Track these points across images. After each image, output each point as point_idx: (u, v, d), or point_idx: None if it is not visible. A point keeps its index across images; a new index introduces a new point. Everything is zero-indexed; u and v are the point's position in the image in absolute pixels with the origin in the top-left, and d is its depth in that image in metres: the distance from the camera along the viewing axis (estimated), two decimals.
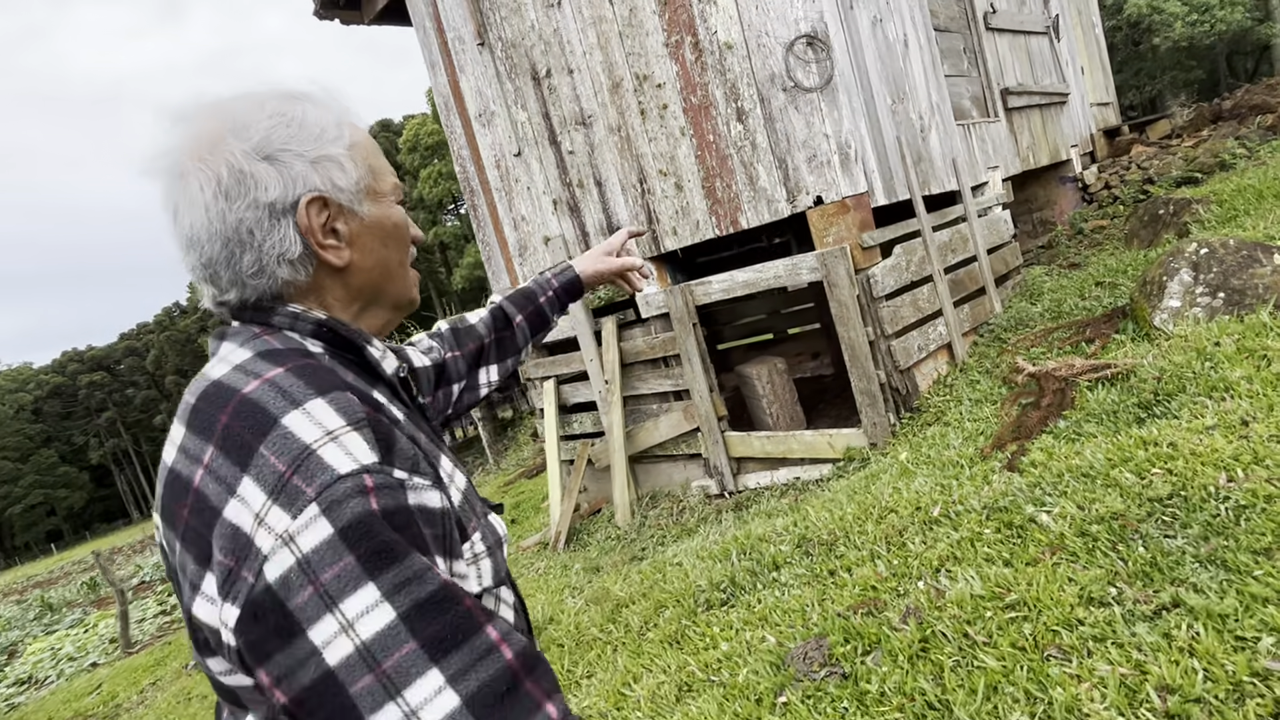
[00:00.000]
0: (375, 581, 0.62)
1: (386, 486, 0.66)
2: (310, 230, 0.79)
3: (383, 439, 0.69)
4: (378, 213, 0.85)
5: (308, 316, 0.81)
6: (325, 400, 0.69)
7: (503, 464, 13.04)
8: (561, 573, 4.65)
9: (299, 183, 0.79)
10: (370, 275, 0.86)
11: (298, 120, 0.81)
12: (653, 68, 4.42)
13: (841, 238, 3.90)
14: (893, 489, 3.25)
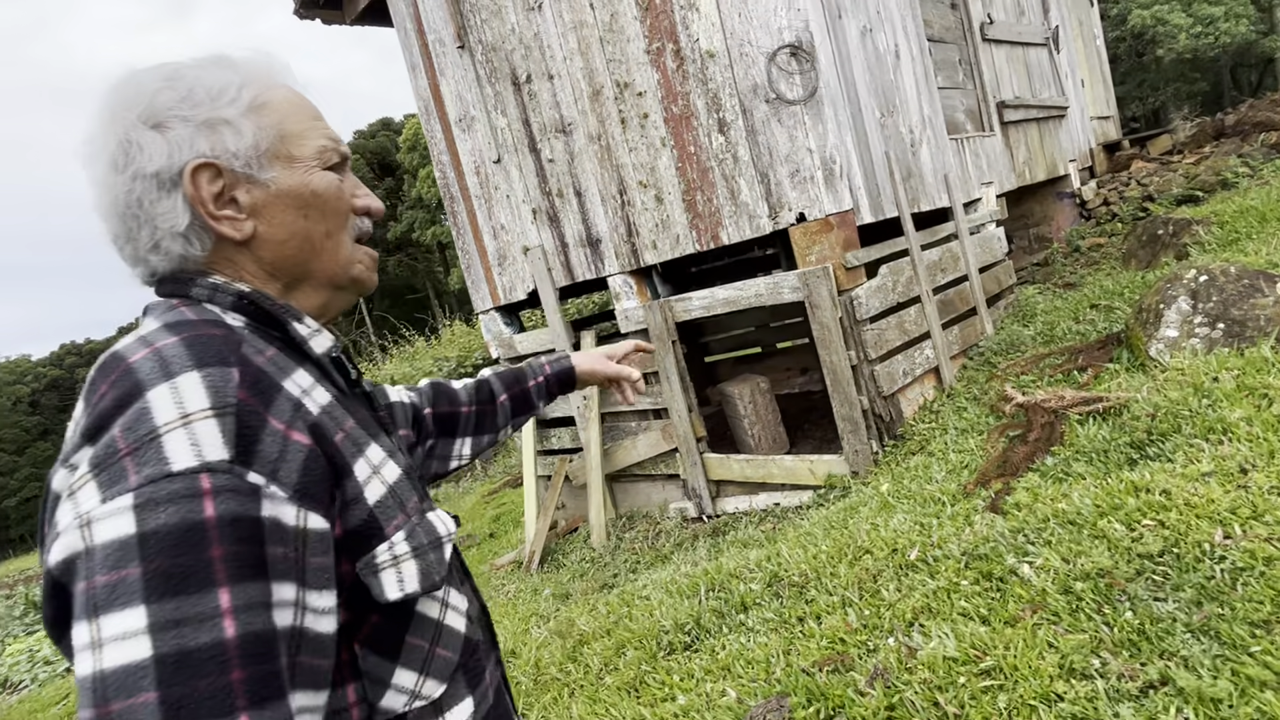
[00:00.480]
0: (149, 607, 0.53)
1: (230, 490, 0.58)
2: (199, 200, 0.74)
3: (244, 434, 0.61)
4: (291, 180, 0.78)
5: (229, 288, 0.75)
6: (200, 375, 0.62)
7: (490, 470, 12.87)
8: (531, 597, 4.48)
9: (184, 149, 0.73)
10: (285, 249, 0.78)
11: (189, 82, 0.75)
12: (634, 75, 4.26)
13: (824, 257, 3.73)
14: (870, 525, 3.08)
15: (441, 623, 0.80)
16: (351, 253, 0.84)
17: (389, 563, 0.72)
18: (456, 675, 0.81)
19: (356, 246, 0.85)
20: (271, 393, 0.66)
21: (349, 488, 0.70)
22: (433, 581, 0.76)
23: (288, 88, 0.82)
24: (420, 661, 0.76)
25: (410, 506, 0.77)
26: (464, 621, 0.84)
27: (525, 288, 5.43)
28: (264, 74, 0.80)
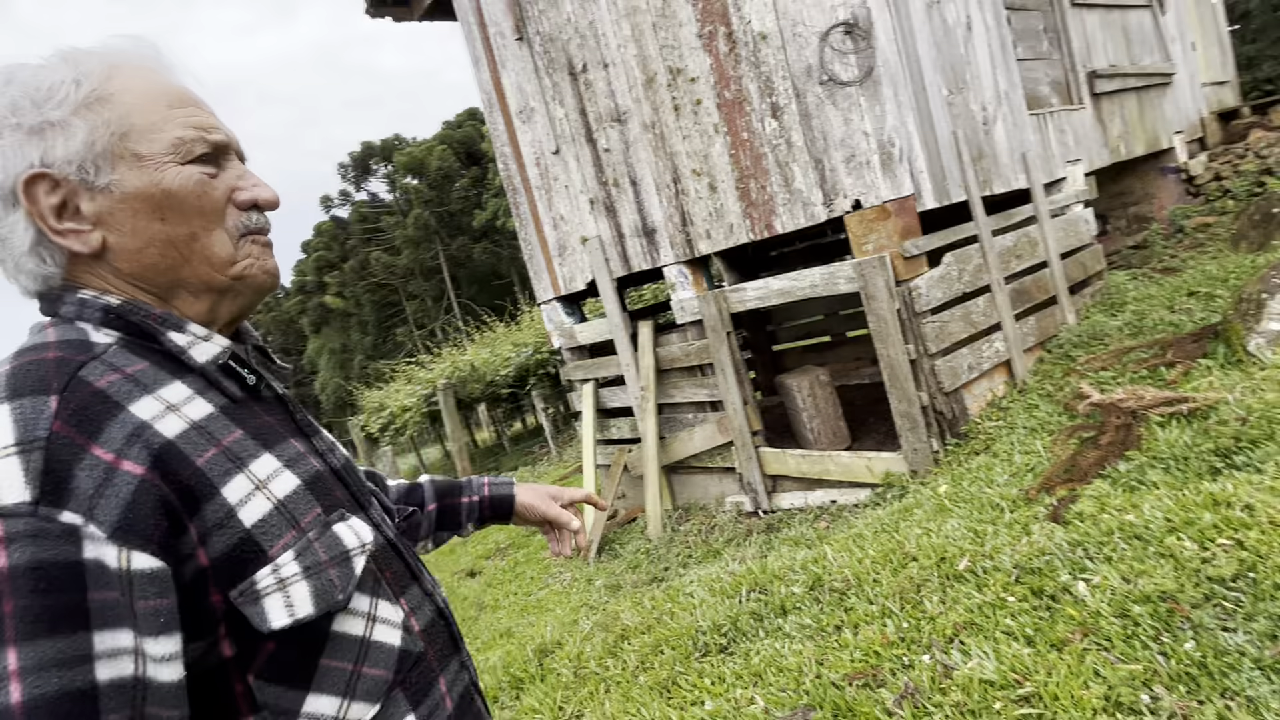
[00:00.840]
0: None
1: (34, 535, 0.54)
2: (38, 214, 0.69)
3: (53, 470, 0.57)
4: (138, 181, 0.71)
5: (96, 303, 0.71)
6: (9, 407, 0.59)
7: (565, 455, 13.08)
8: (584, 587, 4.52)
9: (16, 159, 0.68)
10: (144, 257, 0.72)
11: (20, 85, 0.69)
12: (686, 61, 4.16)
13: (881, 246, 3.55)
14: (922, 530, 2.93)
15: (368, 639, 0.74)
16: (233, 252, 0.76)
17: (273, 587, 0.66)
18: (394, 694, 0.75)
19: (242, 242, 0.77)
20: (104, 418, 0.62)
21: (210, 512, 0.64)
22: (333, 600, 0.69)
23: (145, 75, 0.74)
24: (342, 685, 0.71)
25: (307, 520, 0.71)
26: (399, 634, 0.77)
27: (584, 278, 5.44)
28: (112, 65, 0.73)
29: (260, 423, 0.75)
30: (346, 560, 0.72)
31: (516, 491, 1.19)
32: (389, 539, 0.84)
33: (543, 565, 5.54)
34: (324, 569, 0.70)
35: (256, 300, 0.81)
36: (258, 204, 0.78)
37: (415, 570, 0.87)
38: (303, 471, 0.74)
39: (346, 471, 0.85)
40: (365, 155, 48.15)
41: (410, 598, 0.83)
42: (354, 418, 20.04)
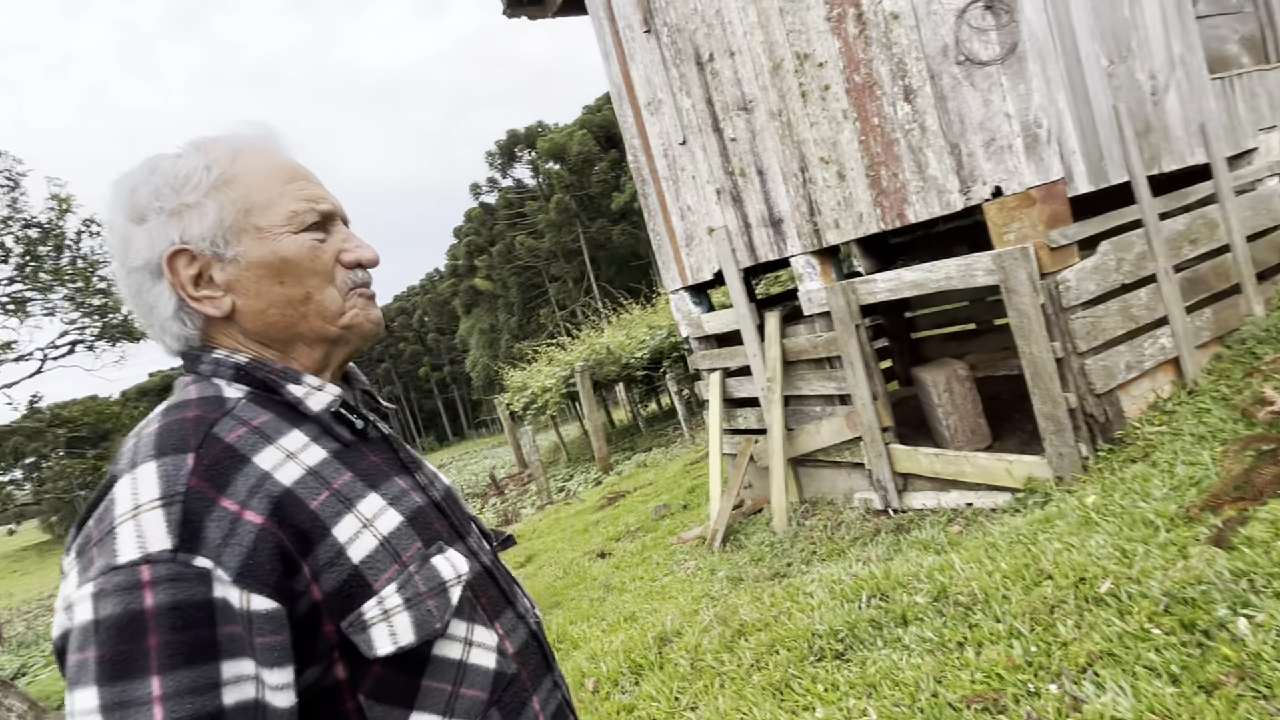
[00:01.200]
0: (100, 689, 0.60)
1: (172, 580, 0.63)
2: (179, 284, 0.80)
3: (189, 521, 0.66)
4: (259, 251, 0.81)
5: (228, 362, 0.81)
6: (156, 465, 0.68)
7: (697, 438, 13.17)
8: (707, 577, 4.58)
9: (161, 239, 0.79)
10: (267, 317, 0.82)
11: (162, 173, 0.81)
12: (814, 45, 4.03)
13: (1024, 235, 3.30)
14: (1062, 544, 2.73)
15: (465, 662, 0.80)
16: (341, 305, 0.85)
17: (378, 618, 0.73)
18: (490, 713, 0.81)
19: (349, 296, 0.85)
20: (232, 472, 0.70)
21: (322, 552, 0.72)
22: (431, 630, 0.75)
23: (264, 156, 0.84)
24: (442, 704, 0.77)
25: (409, 554, 0.77)
26: (494, 657, 0.83)
27: (711, 268, 5.44)
28: (235, 150, 0.83)
29: (367, 464, 0.83)
30: (444, 591, 0.78)
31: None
32: (485, 565, 0.91)
33: (669, 551, 5.65)
34: (423, 600, 0.76)
35: (363, 345, 0.90)
36: (361, 263, 0.87)
37: (510, 594, 0.93)
38: (405, 508, 0.82)
39: (447, 502, 0.92)
40: (510, 143, 50.26)
41: (504, 621, 0.89)
42: (500, 395, 21.19)
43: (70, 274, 6.31)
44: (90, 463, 7.47)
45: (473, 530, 0.95)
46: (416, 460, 0.93)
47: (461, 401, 68.96)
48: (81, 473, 7.30)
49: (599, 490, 11.42)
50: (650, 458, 13.15)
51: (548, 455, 19.96)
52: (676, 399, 13.89)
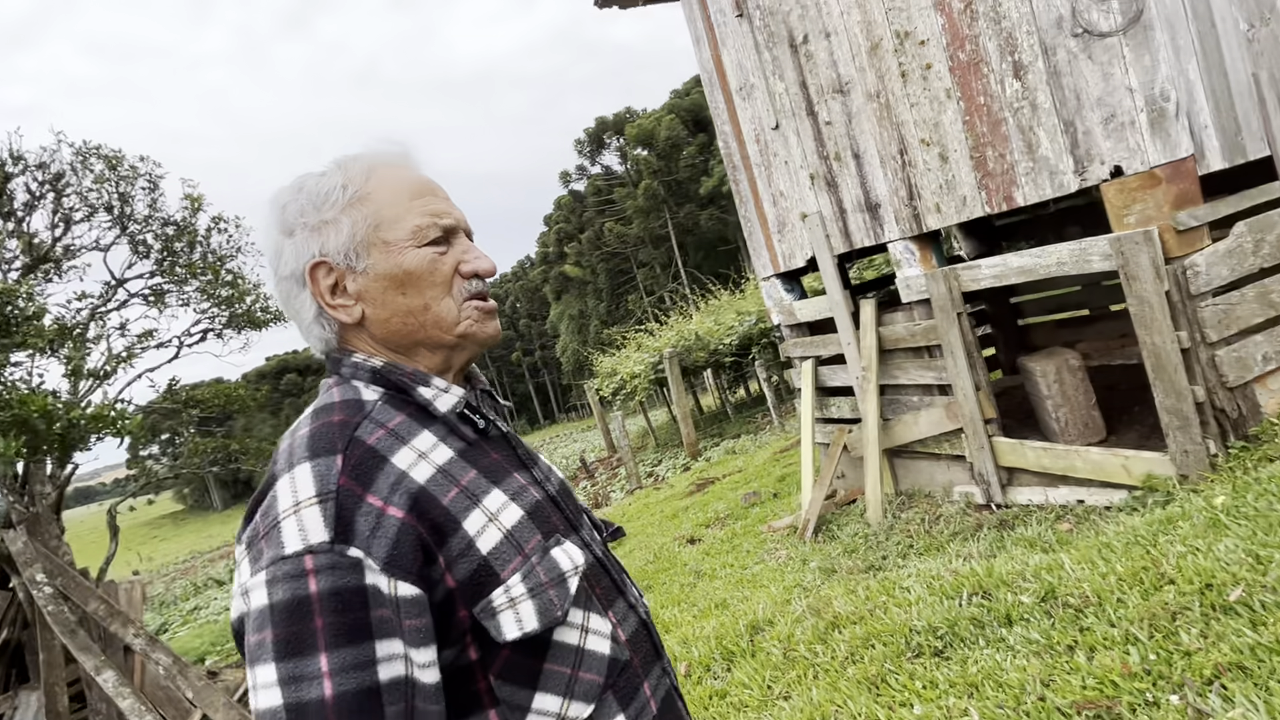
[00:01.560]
0: (277, 665, 0.68)
1: (330, 568, 0.70)
2: (318, 293, 0.88)
3: (342, 516, 0.73)
4: (386, 264, 0.87)
5: (365, 365, 0.88)
6: (310, 466, 0.76)
7: (787, 426, 13.01)
8: (799, 567, 4.55)
9: (304, 252, 0.88)
10: (391, 325, 0.89)
11: (308, 191, 0.90)
12: (915, 23, 3.88)
13: (1147, 218, 3.09)
14: (1187, 548, 2.57)
15: (582, 648, 0.85)
16: (457, 315, 0.90)
17: (505, 605, 0.78)
18: (605, 696, 0.86)
19: (465, 306, 0.91)
20: (374, 471, 0.77)
21: (454, 544, 0.78)
22: (553, 618, 0.80)
23: (397, 174, 0.91)
24: (562, 686, 0.82)
25: (530, 546, 0.83)
26: (608, 644, 0.88)
27: (804, 254, 5.35)
28: (369, 169, 0.90)
29: (490, 461, 0.88)
30: (563, 581, 0.83)
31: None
32: (597, 557, 0.96)
33: (759, 539, 5.64)
34: (545, 589, 0.81)
35: (480, 352, 0.96)
36: (478, 273, 0.92)
37: (621, 585, 0.98)
38: (525, 503, 0.87)
39: (562, 496, 0.98)
40: (599, 130, 50.66)
41: (617, 610, 0.93)
42: (589, 380, 21.57)
43: (201, 268, 6.84)
44: (219, 441, 8.11)
45: (585, 522, 1.00)
46: (533, 456, 0.98)
47: (552, 386, 70.53)
48: (212, 450, 7.93)
49: (687, 476, 11.47)
50: (739, 444, 13.10)
51: (636, 440, 20.18)
52: (765, 385, 13.75)
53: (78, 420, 4.55)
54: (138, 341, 6.81)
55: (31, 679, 5.93)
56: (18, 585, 5.83)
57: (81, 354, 5.38)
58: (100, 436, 4.98)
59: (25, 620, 6.00)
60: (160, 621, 16.16)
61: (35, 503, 5.88)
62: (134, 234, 6.75)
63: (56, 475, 6.07)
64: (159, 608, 18.57)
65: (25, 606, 5.89)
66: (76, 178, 6.34)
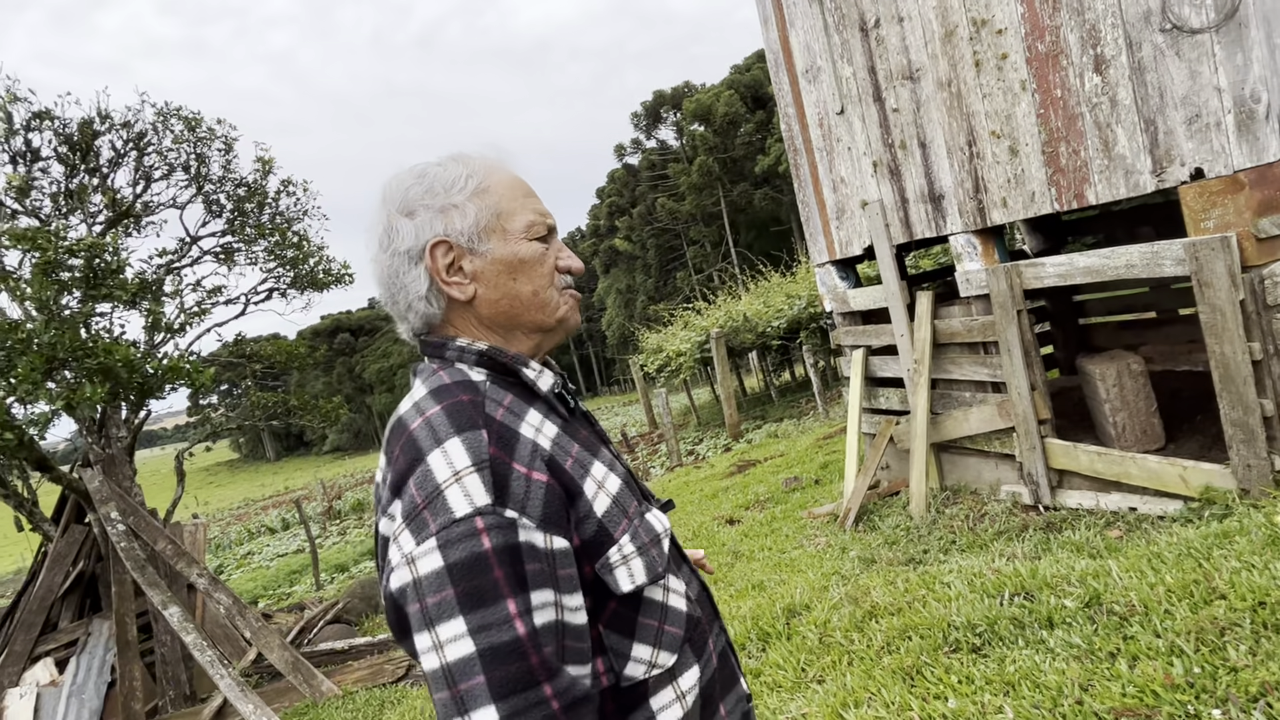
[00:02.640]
0: (465, 617, 0.74)
1: (497, 527, 0.77)
2: (435, 270, 0.94)
3: (499, 481, 0.80)
4: (503, 250, 0.95)
5: (471, 349, 0.95)
6: (460, 440, 0.82)
7: (831, 413, 12.92)
8: (838, 555, 4.57)
9: (426, 230, 0.94)
10: (499, 306, 0.96)
11: (431, 177, 0.97)
12: (993, 10, 3.78)
13: (1226, 223, 2.99)
14: (1242, 563, 2.53)
15: (666, 604, 0.94)
16: (558, 302, 0.99)
17: (620, 561, 0.87)
18: (684, 647, 0.95)
19: (563, 293, 1.00)
20: (513, 442, 0.84)
21: (580, 506, 0.86)
22: (656, 573, 0.90)
23: (508, 173, 1.00)
24: (653, 637, 0.91)
25: (631, 510, 0.91)
26: (685, 601, 0.97)
27: (861, 243, 5.30)
28: (488, 165, 0.99)
29: (582, 436, 0.96)
30: (658, 542, 0.93)
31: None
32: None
33: (799, 524, 5.67)
34: (648, 548, 0.91)
35: (565, 339, 1.05)
36: (570, 270, 1.02)
37: (682, 552, 1.08)
38: (620, 473, 0.97)
39: (631, 472, 1.07)
40: (656, 104, 50.22)
41: (684, 573, 1.03)
42: (634, 355, 21.68)
43: (269, 229, 7.09)
44: (279, 396, 8.44)
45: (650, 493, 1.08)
46: (605, 435, 1.07)
47: (595, 358, 70.95)
48: (272, 405, 8.27)
49: (728, 457, 11.52)
50: (781, 428, 13.07)
51: (678, 417, 20.27)
52: (812, 371, 13.64)
53: (156, 370, 4.81)
54: (208, 297, 7.11)
55: (104, 609, 6.35)
56: (93, 521, 6.23)
57: (160, 308, 5.65)
58: (175, 386, 5.26)
59: (99, 554, 6.41)
60: (216, 564, 16.98)
61: (111, 445, 6.23)
62: (208, 193, 7.02)
63: (131, 420, 6.41)
64: (215, 550, 19.49)
65: (100, 541, 6.29)
66: (157, 137, 6.61)
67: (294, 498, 28.17)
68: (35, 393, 4.25)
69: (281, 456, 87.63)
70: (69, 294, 4.59)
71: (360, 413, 68.58)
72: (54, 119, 6.18)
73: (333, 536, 16.69)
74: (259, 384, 9.79)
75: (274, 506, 29.79)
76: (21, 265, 5.18)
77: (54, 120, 6.16)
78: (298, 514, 18.94)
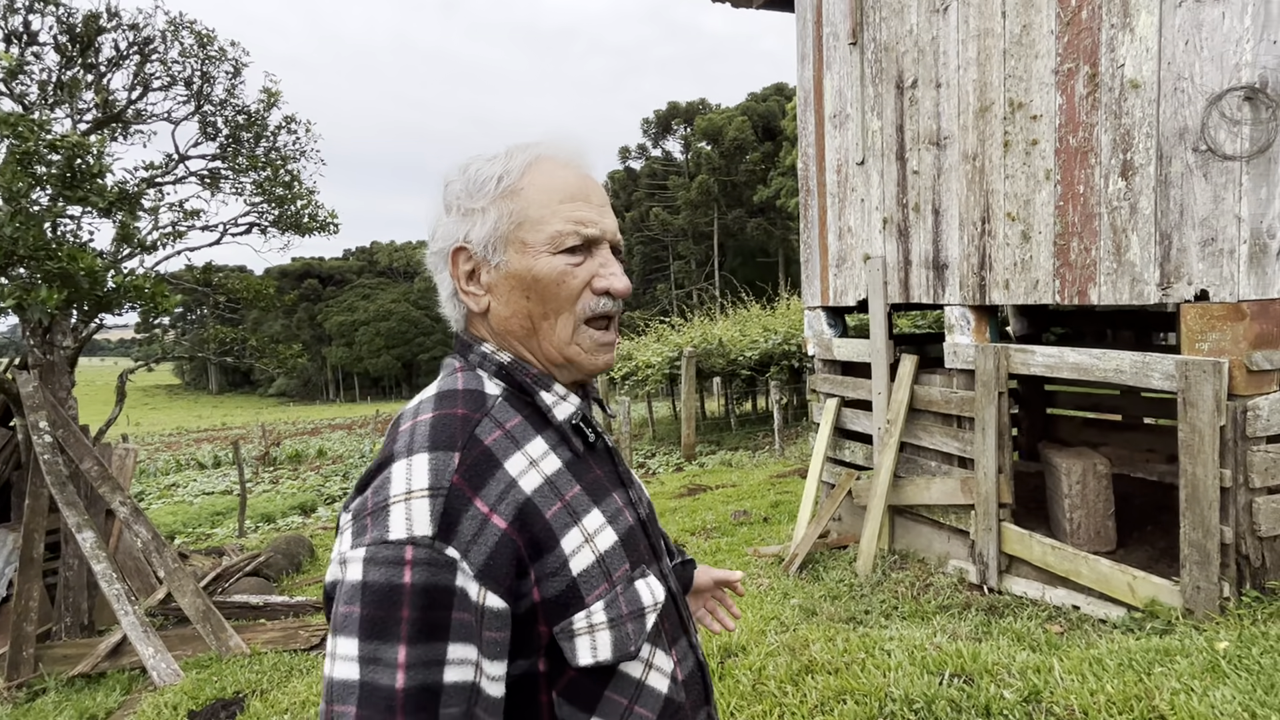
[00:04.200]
0: (360, 642, 0.68)
1: (427, 563, 0.70)
2: (456, 275, 0.89)
3: (449, 514, 0.72)
4: (518, 264, 0.86)
5: (494, 359, 0.88)
6: (429, 458, 0.75)
7: (788, 451, 12.99)
8: (779, 600, 4.54)
9: (452, 233, 0.89)
10: (509, 324, 0.88)
11: (469, 175, 0.89)
12: (1032, 96, 3.81)
13: (1221, 349, 3.03)
14: (1182, 685, 2.55)
15: (643, 682, 0.85)
16: (571, 335, 0.88)
17: (584, 630, 0.78)
18: None
19: (582, 330, 0.88)
20: (486, 475, 0.76)
21: (549, 561, 0.77)
22: (626, 652, 0.80)
23: (553, 173, 0.88)
24: (617, 716, 0.82)
25: (618, 575, 0.82)
26: (667, 683, 0.88)
27: (857, 294, 5.31)
28: (533, 162, 0.88)
29: (593, 476, 0.88)
30: (641, 616, 0.83)
31: (696, 573, 1.27)
32: (671, 591, 0.95)
33: (743, 560, 5.64)
34: (624, 622, 0.81)
35: (587, 379, 0.94)
36: (610, 291, 0.89)
37: (686, 623, 0.97)
38: (620, 528, 0.86)
39: (650, 521, 0.97)
40: (669, 115, 50.39)
41: (679, 649, 0.93)
42: None
43: (263, 163, 6.85)
44: (239, 332, 8.16)
45: (664, 551, 0.99)
46: (630, 475, 0.98)
47: None
48: (229, 341, 7.99)
49: (679, 477, 11.48)
50: (735, 458, 13.09)
51: (634, 428, 20.21)
52: (776, 407, 13.69)
53: (120, 285, 4.58)
54: (185, 219, 6.84)
55: (12, 520, 6.03)
56: (19, 427, 5.92)
57: (135, 220, 5.40)
58: (135, 306, 5.02)
59: (18, 462, 6.09)
60: (139, 490, 16.38)
61: (53, 352, 5.94)
62: (206, 114, 6.76)
63: (80, 329, 6.13)
64: (140, 476, 18.83)
65: (22, 449, 5.98)
66: (164, 46, 6.35)
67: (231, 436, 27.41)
68: None
69: (224, 390, 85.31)
70: (41, 189, 4.35)
71: (314, 362, 67.15)
72: (59, 4, 5.90)
73: (264, 484, 16.24)
74: (218, 316, 9.47)
75: (208, 441, 28.95)
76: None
77: (59, 6, 5.88)
78: (232, 454, 18.40)
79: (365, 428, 29.39)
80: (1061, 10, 3.63)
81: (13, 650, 5.07)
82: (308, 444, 22.96)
